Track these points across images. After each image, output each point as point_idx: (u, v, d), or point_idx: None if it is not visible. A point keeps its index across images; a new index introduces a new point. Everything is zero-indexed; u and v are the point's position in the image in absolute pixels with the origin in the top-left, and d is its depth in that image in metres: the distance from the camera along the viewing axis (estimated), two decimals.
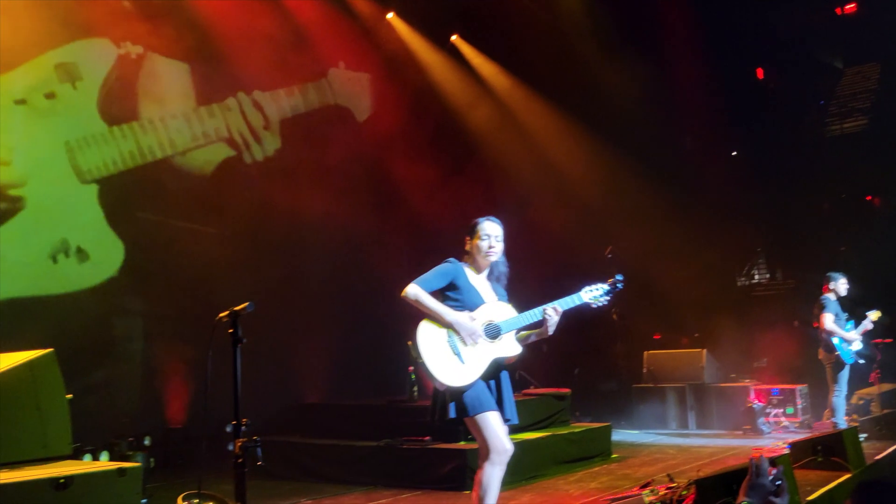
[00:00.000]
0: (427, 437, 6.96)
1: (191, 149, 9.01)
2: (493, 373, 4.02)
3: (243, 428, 3.13)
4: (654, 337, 12.35)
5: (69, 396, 4.36)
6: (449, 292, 4.05)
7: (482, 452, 3.95)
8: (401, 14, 10.48)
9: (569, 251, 10.74)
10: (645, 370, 10.99)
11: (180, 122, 8.92)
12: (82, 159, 8.08)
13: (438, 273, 4.07)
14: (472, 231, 4.19)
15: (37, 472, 3.86)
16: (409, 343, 3.94)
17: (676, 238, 11.68)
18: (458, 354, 3.90)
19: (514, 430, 7.44)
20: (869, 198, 12.37)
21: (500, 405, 4.01)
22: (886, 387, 9.76)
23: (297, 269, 8.94)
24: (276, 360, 8.47)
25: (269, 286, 8.50)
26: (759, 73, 12.67)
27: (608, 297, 4.12)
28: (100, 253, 8.05)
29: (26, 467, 4.02)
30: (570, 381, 10.56)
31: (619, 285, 4.14)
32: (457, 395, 3.88)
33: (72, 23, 7.80)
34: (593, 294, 4.12)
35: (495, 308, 4.07)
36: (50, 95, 7.87)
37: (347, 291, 9.26)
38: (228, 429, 7.34)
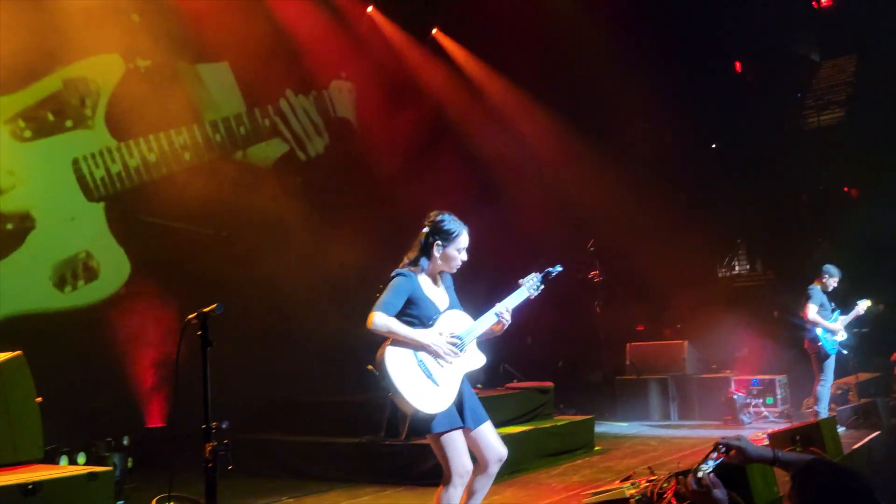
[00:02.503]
0: (401, 441, 6.92)
1: (206, 161, 9.07)
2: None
3: (214, 430, 3.06)
4: (637, 328, 12.43)
5: (39, 399, 4.28)
6: (405, 307, 3.75)
7: (444, 472, 3.72)
8: (380, 8, 10.42)
9: (550, 244, 10.76)
10: (628, 362, 11.05)
11: (185, 137, 8.92)
12: (90, 176, 8.08)
13: (398, 292, 3.73)
14: (446, 237, 3.83)
15: (6, 478, 3.78)
16: (370, 368, 3.65)
17: (658, 230, 11.75)
18: (430, 377, 3.66)
19: (497, 424, 7.51)
20: (846, 189, 12.50)
21: (462, 415, 3.77)
22: (864, 376, 9.87)
23: (279, 268, 8.89)
24: (258, 356, 8.43)
25: (252, 286, 8.45)
26: (738, 65, 12.76)
27: (542, 285, 3.97)
28: (107, 269, 8.09)
29: None
30: (554, 373, 10.59)
31: (552, 273, 4.00)
32: (414, 413, 3.61)
33: (81, 39, 7.72)
34: (530, 284, 3.95)
35: (452, 318, 3.83)
36: (58, 112, 7.84)
37: (329, 288, 9.22)
38: (224, 425, 7.35)
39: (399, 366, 3.62)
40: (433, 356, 3.68)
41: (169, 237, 8.37)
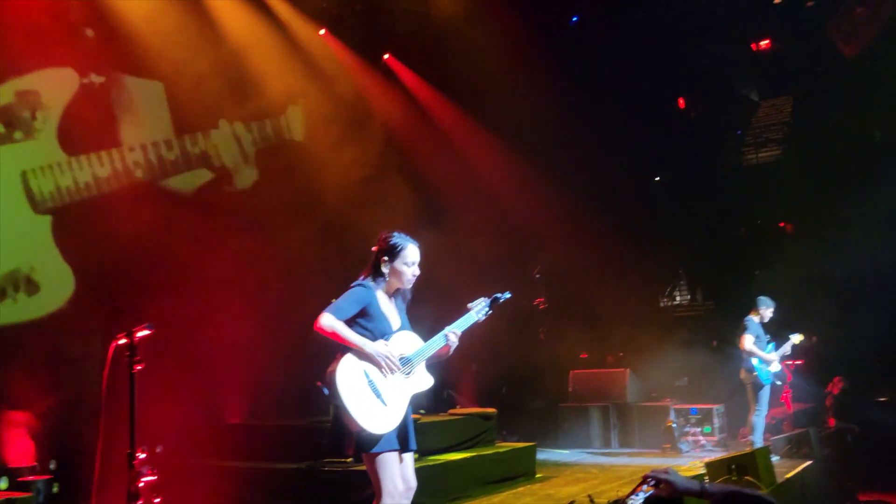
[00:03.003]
0: (350, 459, 6.84)
1: (159, 178, 8.90)
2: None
3: (140, 456, 2.97)
4: (581, 356, 12.56)
5: None
6: (360, 319, 3.79)
7: (375, 493, 3.74)
8: (333, 31, 10.43)
9: (497, 270, 10.83)
10: (570, 389, 11.15)
11: (137, 154, 8.75)
12: (37, 189, 7.86)
13: (353, 300, 3.79)
14: (391, 252, 3.90)
15: None
16: (319, 384, 3.74)
17: (603, 259, 11.95)
18: (379, 396, 3.68)
19: (439, 450, 7.48)
20: (782, 224, 12.93)
21: (404, 437, 3.82)
22: (798, 406, 10.17)
23: (220, 289, 8.74)
24: (198, 379, 8.22)
25: (192, 306, 8.27)
26: (681, 102, 13.16)
27: (489, 310, 4.05)
28: (50, 283, 7.84)
29: None
30: (498, 400, 10.62)
31: (500, 299, 4.08)
32: (360, 431, 3.65)
33: (35, 52, 7.57)
34: (478, 308, 4.03)
35: (403, 339, 3.88)
36: (8, 124, 7.66)
37: (271, 309, 9.09)
38: (158, 449, 7.12)
39: (349, 384, 3.63)
40: (381, 373, 3.70)
41: (116, 253, 8.17)
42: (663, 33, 11.56)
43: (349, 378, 3.65)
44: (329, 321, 3.67)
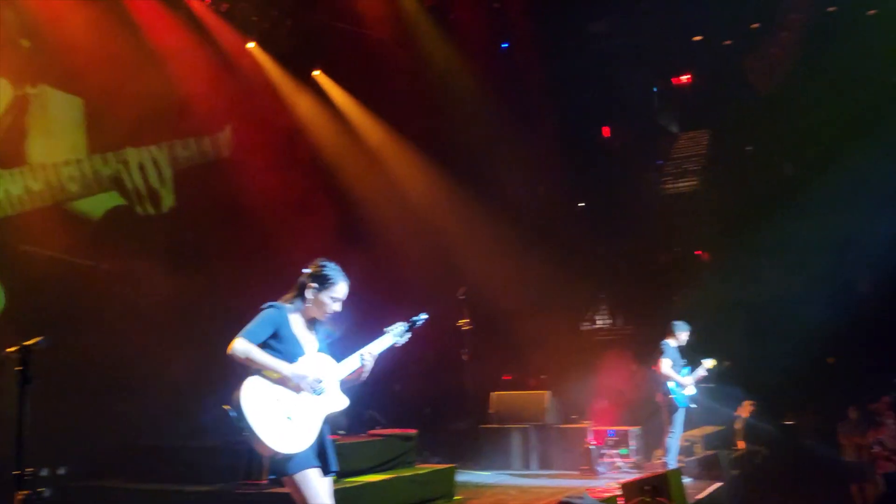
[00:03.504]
0: (264, 481, 6.67)
1: (83, 195, 8.62)
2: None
3: (28, 477, 2.82)
4: (504, 378, 12.64)
5: None
6: (270, 340, 3.73)
7: None
8: (263, 45, 10.31)
9: (422, 290, 10.84)
10: (492, 411, 11.18)
11: (73, 168, 8.49)
12: None
13: (264, 322, 3.72)
14: (322, 282, 3.84)
15: None
16: (226, 408, 3.55)
17: (527, 282, 12.10)
18: (289, 416, 3.61)
19: (359, 471, 7.37)
20: (698, 252, 13.40)
21: (323, 457, 3.77)
22: (709, 429, 10.48)
23: (139, 307, 8.46)
24: (106, 397, 7.90)
25: (103, 328, 8.00)
26: (606, 131, 13.54)
27: (408, 334, 4.04)
28: None
29: None
30: (421, 421, 10.56)
31: (417, 322, 4.09)
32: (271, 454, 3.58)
33: None
34: (395, 332, 4.01)
35: (316, 361, 3.81)
36: None
37: (186, 329, 8.84)
38: (44, 472, 6.77)
39: (256, 405, 3.55)
40: (294, 392, 3.64)
41: (47, 268, 7.85)
42: (591, 63, 11.89)
43: (256, 400, 3.57)
44: (243, 346, 3.60)
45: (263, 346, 3.71)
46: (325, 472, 3.78)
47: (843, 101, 10.60)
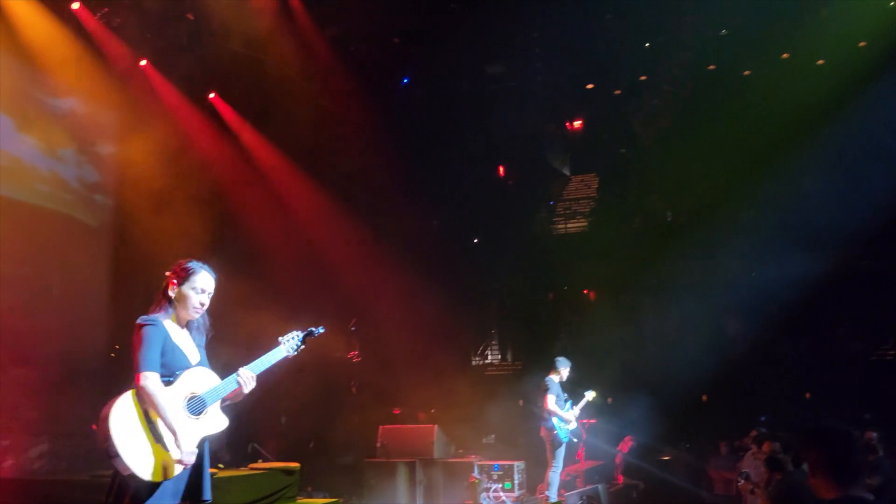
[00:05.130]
0: None
1: None
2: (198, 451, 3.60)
3: None
4: (394, 411, 12.54)
5: None
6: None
7: None
8: (156, 64, 10.01)
9: (311, 319, 10.66)
10: (378, 444, 11.06)
11: None
12: None
13: (153, 344, 3.56)
14: (181, 276, 3.74)
15: None
16: (95, 428, 3.37)
17: (419, 315, 12.13)
18: (160, 440, 3.42)
19: None
20: (585, 291, 13.86)
21: (197, 485, 3.60)
22: (590, 463, 10.75)
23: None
24: None
25: None
26: (501, 170, 13.88)
27: (302, 345, 3.91)
28: None
29: None
30: (306, 454, 10.32)
31: (315, 333, 3.96)
32: (133, 479, 3.36)
33: None
34: (290, 344, 3.87)
35: (197, 376, 3.65)
36: None
37: (52, 356, 8.36)
38: None
39: (124, 425, 3.37)
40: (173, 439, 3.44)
41: None
42: (487, 103, 12.20)
43: (125, 418, 3.40)
44: (154, 385, 3.45)
45: None
46: (196, 500, 3.61)
47: (721, 154, 11.26)
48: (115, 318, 9.26)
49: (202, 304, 3.76)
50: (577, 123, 13.37)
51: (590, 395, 9.30)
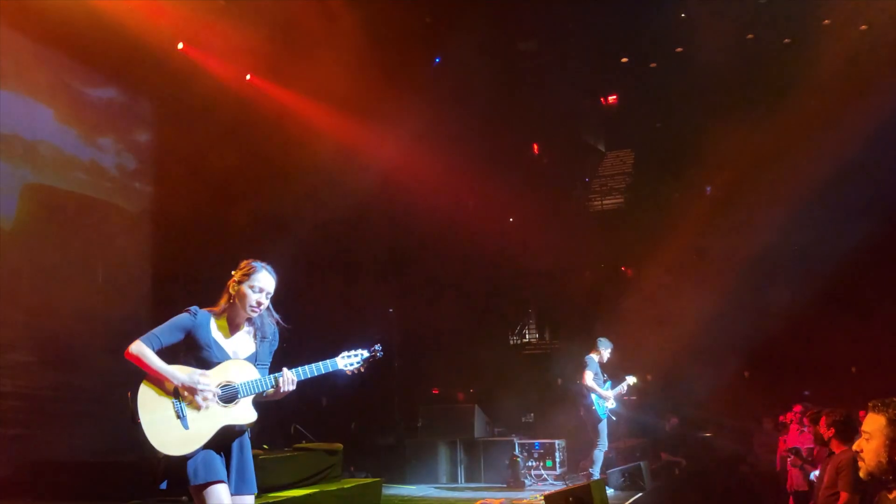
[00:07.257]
0: (184, 497, 6.44)
1: None
2: (223, 441, 3.60)
3: None
4: (433, 392, 12.62)
5: None
6: (186, 346, 3.63)
7: None
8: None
9: (352, 306, 10.74)
10: (419, 425, 11.15)
11: None
12: None
13: (172, 327, 3.62)
14: (243, 274, 3.77)
15: None
16: (129, 395, 3.47)
17: (457, 296, 12.14)
18: (182, 418, 3.50)
19: (283, 486, 7.21)
20: (623, 268, 13.71)
21: (244, 477, 3.64)
22: (631, 442, 10.71)
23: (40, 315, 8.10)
24: (16, 413, 7.52)
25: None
26: (535, 147, 13.74)
27: (364, 364, 3.91)
28: None
29: None
30: (347, 435, 10.43)
31: (378, 354, 3.95)
32: (176, 461, 3.48)
33: None
34: (349, 360, 3.88)
35: (237, 367, 3.67)
36: None
37: (88, 340, 8.51)
38: None
39: (151, 397, 3.49)
40: (192, 395, 3.52)
41: None
42: (520, 80, 12.05)
43: (153, 392, 3.51)
44: (137, 348, 3.51)
45: (185, 350, 3.64)
46: (233, 490, 3.60)
47: (760, 125, 11.00)
48: (156, 304, 9.39)
49: (259, 304, 3.76)
50: (612, 98, 13.17)
51: (630, 380, 9.25)
